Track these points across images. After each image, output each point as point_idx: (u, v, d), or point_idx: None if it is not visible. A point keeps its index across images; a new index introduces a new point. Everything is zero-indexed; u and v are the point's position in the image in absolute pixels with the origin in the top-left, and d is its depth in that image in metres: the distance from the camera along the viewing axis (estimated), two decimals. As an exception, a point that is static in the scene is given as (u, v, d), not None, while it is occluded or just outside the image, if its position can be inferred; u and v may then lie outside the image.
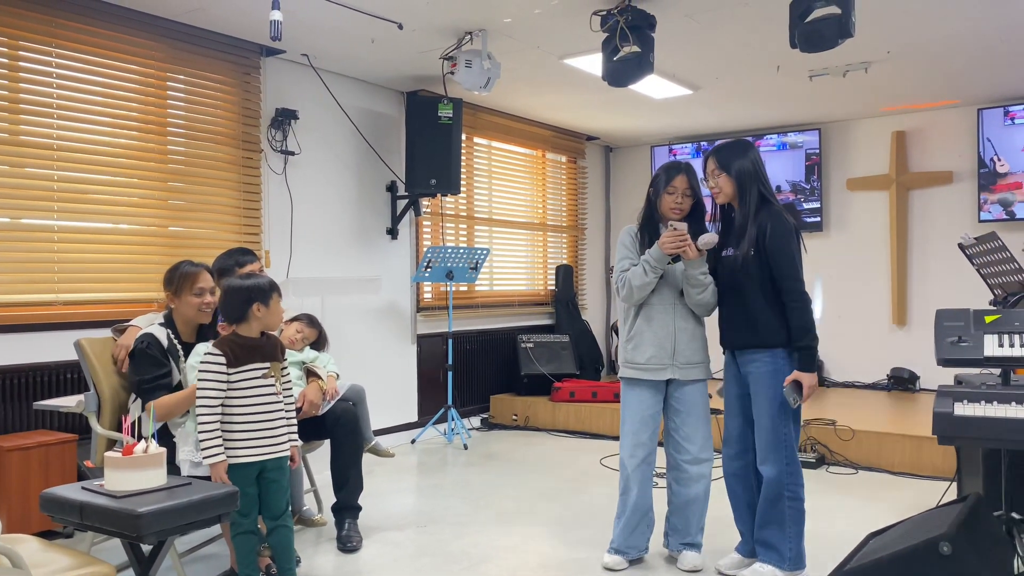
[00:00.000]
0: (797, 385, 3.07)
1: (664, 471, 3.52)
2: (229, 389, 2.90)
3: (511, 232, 7.29)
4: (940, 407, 2.46)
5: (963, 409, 2.44)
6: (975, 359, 2.63)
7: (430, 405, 6.29)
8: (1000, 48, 5.14)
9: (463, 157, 6.29)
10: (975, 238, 3.48)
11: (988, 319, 2.75)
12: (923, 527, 2.72)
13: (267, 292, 2.99)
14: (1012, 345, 2.63)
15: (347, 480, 3.69)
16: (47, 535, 3.62)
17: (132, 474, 2.31)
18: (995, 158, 6.47)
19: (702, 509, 3.42)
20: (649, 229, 3.38)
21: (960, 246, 3.52)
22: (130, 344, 3.27)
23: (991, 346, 2.65)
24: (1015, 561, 2.87)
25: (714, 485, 3.45)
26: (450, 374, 6.08)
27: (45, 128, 4.08)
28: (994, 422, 2.38)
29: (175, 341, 3.28)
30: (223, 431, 2.90)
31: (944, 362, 2.67)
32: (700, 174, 3.35)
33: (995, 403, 2.44)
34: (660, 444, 3.43)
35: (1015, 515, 2.97)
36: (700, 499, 3.40)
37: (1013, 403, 2.42)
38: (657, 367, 3.33)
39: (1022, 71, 5.68)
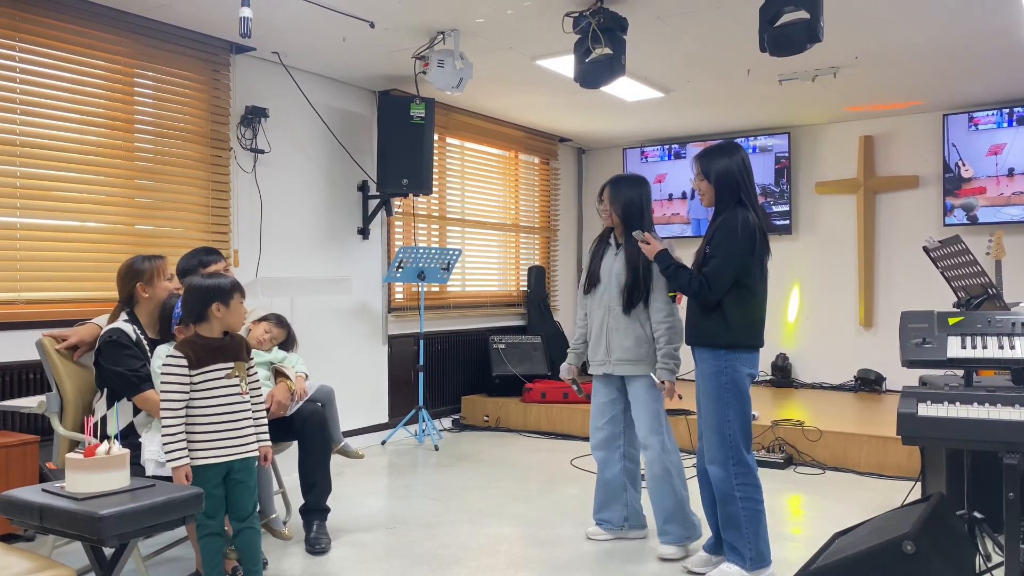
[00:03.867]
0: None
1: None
2: (192, 390, 2.86)
3: (484, 233, 7.29)
4: (904, 408, 2.49)
5: (927, 410, 2.47)
6: (938, 360, 2.66)
7: (401, 406, 6.26)
8: (965, 56, 5.22)
9: (436, 157, 6.28)
10: (939, 241, 3.53)
11: (951, 321, 2.78)
12: (887, 526, 2.75)
13: (228, 292, 2.95)
14: (975, 347, 2.67)
15: (315, 482, 3.66)
16: (7, 538, 3.55)
17: (94, 476, 2.27)
18: (960, 163, 6.58)
19: (653, 495, 3.58)
20: (607, 236, 3.79)
21: (925, 249, 3.57)
22: (82, 334, 3.24)
23: (954, 348, 2.69)
24: (977, 559, 2.92)
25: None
26: (421, 375, 6.06)
27: (8, 124, 4.00)
28: (956, 423, 2.41)
29: (141, 336, 3.23)
30: (188, 432, 2.86)
31: (908, 363, 2.71)
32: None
33: (958, 404, 2.48)
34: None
35: (977, 514, 3.02)
36: (648, 483, 3.60)
37: (975, 404, 2.45)
38: (597, 364, 3.69)
39: (986, 78, 5.78)
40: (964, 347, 2.68)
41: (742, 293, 3.15)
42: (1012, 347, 2.63)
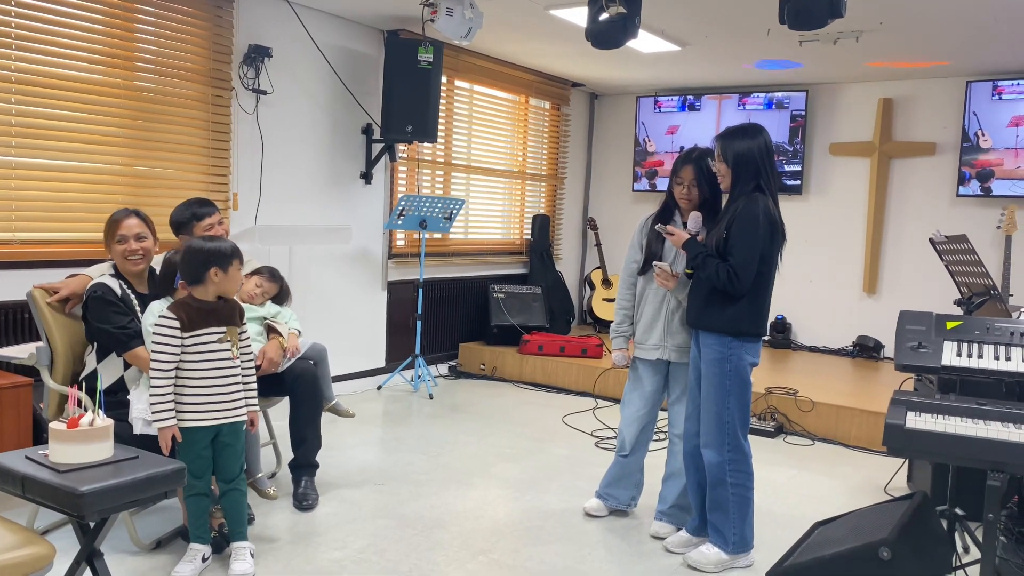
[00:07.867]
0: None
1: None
2: (183, 353, 2.86)
3: (489, 180, 7.18)
4: (892, 418, 2.47)
5: (915, 421, 2.44)
6: (933, 367, 2.63)
7: (398, 352, 6.28)
8: (995, 23, 5.03)
9: (443, 101, 6.14)
10: (946, 236, 3.46)
11: (950, 325, 2.75)
12: (868, 525, 2.77)
13: (227, 257, 2.92)
14: (971, 355, 2.63)
15: (304, 438, 3.68)
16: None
17: (77, 447, 2.27)
18: (979, 133, 6.42)
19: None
20: (663, 217, 3.48)
21: (931, 242, 3.50)
22: (74, 286, 3.23)
23: (950, 354, 2.65)
24: (954, 556, 2.94)
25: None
26: (419, 323, 6.06)
27: (3, 59, 3.90)
28: (944, 438, 2.39)
29: (128, 291, 3.21)
30: (177, 394, 2.87)
31: (902, 367, 2.68)
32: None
33: (947, 416, 2.45)
34: None
35: (959, 511, 3.03)
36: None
37: (965, 418, 2.43)
38: (650, 348, 3.54)
39: (1015, 47, 5.58)
40: (960, 355, 2.65)
41: (756, 281, 3.10)
42: (1008, 358, 2.60)
